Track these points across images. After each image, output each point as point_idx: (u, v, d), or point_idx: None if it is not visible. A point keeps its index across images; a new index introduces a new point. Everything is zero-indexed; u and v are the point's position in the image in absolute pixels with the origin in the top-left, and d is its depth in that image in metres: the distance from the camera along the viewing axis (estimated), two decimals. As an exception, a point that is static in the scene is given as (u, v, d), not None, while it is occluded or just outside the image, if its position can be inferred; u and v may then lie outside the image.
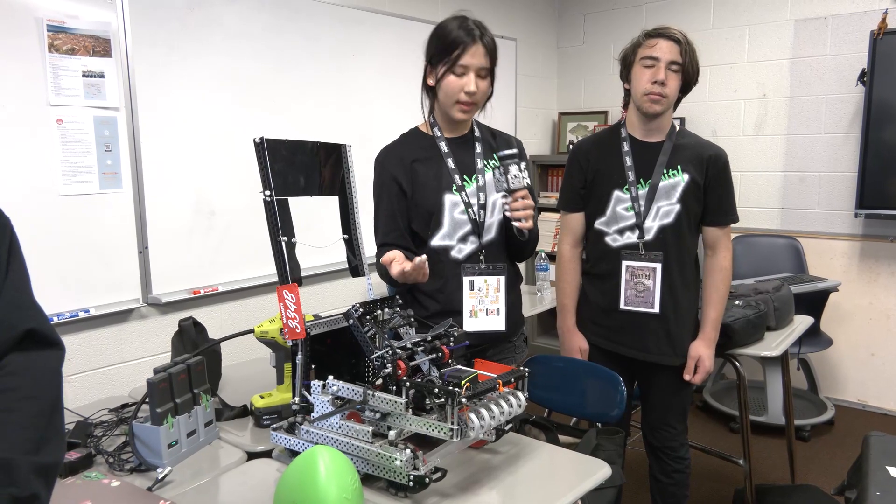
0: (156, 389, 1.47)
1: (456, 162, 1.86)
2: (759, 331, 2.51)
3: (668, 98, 1.99)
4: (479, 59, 1.75)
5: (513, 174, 1.70)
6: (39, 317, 1.00)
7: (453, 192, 1.84)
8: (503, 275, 1.85)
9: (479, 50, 1.75)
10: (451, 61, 1.74)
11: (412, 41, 3.60)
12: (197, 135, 2.71)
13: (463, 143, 1.90)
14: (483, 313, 1.85)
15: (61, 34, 2.28)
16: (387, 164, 1.87)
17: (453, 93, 1.77)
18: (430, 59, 1.81)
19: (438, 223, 1.84)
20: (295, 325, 1.43)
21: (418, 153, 1.87)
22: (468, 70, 1.75)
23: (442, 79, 1.77)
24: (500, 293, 1.85)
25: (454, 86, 1.76)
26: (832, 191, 3.83)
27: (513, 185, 1.70)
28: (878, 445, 1.66)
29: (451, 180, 1.84)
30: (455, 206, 1.84)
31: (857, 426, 3.63)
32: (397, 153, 1.88)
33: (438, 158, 1.86)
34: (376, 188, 1.88)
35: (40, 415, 0.93)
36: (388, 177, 1.85)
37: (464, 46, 1.73)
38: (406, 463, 1.27)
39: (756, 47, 4.01)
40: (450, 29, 1.76)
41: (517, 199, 1.71)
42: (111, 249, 2.48)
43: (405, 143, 1.91)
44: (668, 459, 2.25)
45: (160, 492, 1.36)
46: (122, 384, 2.55)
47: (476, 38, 1.74)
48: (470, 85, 1.75)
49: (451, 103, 1.79)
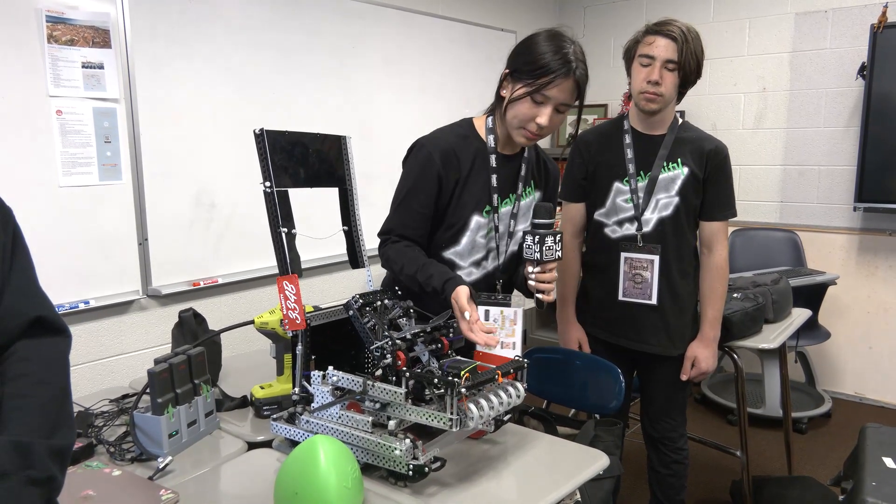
0: (157, 379, 1.47)
1: (498, 180, 1.73)
2: (757, 323, 2.52)
3: (663, 97, 1.98)
4: (565, 95, 1.59)
5: (547, 245, 1.58)
6: (46, 304, 1.02)
7: (483, 215, 1.72)
8: (520, 307, 1.74)
9: (569, 85, 1.57)
10: (535, 88, 1.56)
11: (413, 34, 3.60)
12: (197, 126, 2.71)
13: (511, 162, 1.77)
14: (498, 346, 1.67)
15: (60, 25, 2.28)
16: (435, 157, 1.68)
17: (524, 120, 1.61)
18: (512, 70, 1.63)
19: (455, 240, 1.73)
20: (295, 316, 1.44)
21: (468, 159, 1.71)
22: (549, 102, 1.58)
23: (517, 100, 1.60)
24: (516, 326, 1.73)
25: (527, 113, 1.60)
26: (831, 184, 3.83)
27: (545, 258, 1.58)
28: (875, 436, 1.67)
29: (486, 200, 1.72)
30: (480, 228, 1.73)
31: (855, 419, 3.64)
32: (448, 147, 1.70)
33: (482, 170, 1.72)
34: (414, 174, 1.70)
35: (53, 400, 0.95)
36: (433, 171, 1.68)
37: (554, 77, 1.55)
38: (405, 452, 1.28)
39: (756, 41, 4.01)
40: (544, 51, 1.57)
41: (546, 270, 1.60)
42: (111, 241, 2.49)
43: (458, 141, 1.73)
44: (666, 451, 2.27)
45: (161, 481, 1.37)
46: (123, 375, 2.56)
47: (570, 73, 1.56)
48: (543, 118, 1.58)
49: (516, 126, 1.63)
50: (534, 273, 1.61)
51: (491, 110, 1.75)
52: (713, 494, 2.90)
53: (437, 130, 1.76)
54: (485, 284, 1.78)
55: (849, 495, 1.53)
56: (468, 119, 1.79)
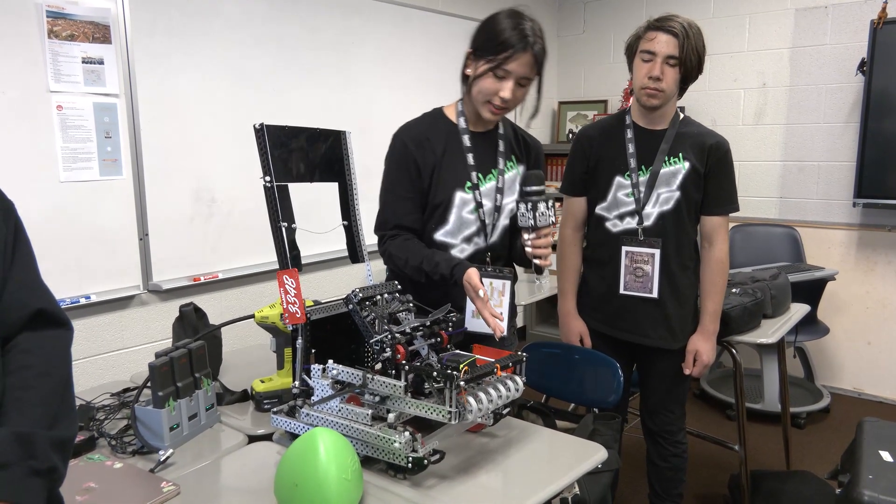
0: (157, 373, 1.48)
1: (476, 158, 1.79)
2: (756, 318, 2.53)
3: (664, 93, 1.99)
4: (525, 69, 1.65)
5: (541, 211, 1.63)
6: (48, 297, 1.03)
7: (466, 191, 1.78)
8: (510, 280, 1.79)
9: (527, 59, 1.64)
10: (496, 63, 1.64)
11: (412, 30, 3.60)
12: (197, 122, 2.71)
13: (485, 139, 1.83)
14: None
15: (61, 20, 2.28)
16: (409, 144, 1.77)
17: (487, 94, 1.68)
18: (474, 49, 1.71)
19: (444, 220, 1.78)
20: (295, 310, 1.44)
21: (438, 139, 1.79)
22: (509, 76, 1.65)
23: (480, 76, 1.68)
24: (504, 297, 1.79)
25: (490, 88, 1.67)
26: (830, 180, 3.84)
27: (539, 223, 1.63)
28: (872, 430, 1.68)
29: (466, 177, 1.78)
30: (465, 204, 1.78)
31: (853, 414, 3.65)
32: (420, 134, 1.79)
33: (458, 151, 1.79)
34: (393, 165, 1.79)
35: (54, 391, 0.96)
36: (409, 157, 1.76)
37: (512, 52, 1.62)
38: (405, 445, 1.28)
39: (756, 36, 4.00)
40: (503, 28, 1.64)
41: (541, 236, 1.64)
42: (112, 236, 2.49)
43: (429, 126, 1.82)
44: (665, 444, 2.27)
45: (162, 473, 1.38)
46: (123, 370, 2.57)
47: (528, 47, 1.63)
48: (506, 91, 1.66)
49: (482, 102, 1.71)
50: (529, 240, 1.66)
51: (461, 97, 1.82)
52: (711, 489, 2.91)
53: (410, 121, 1.85)
54: (478, 260, 1.83)
55: (846, 489, 1.54)
56: (438, 108, 1.87)
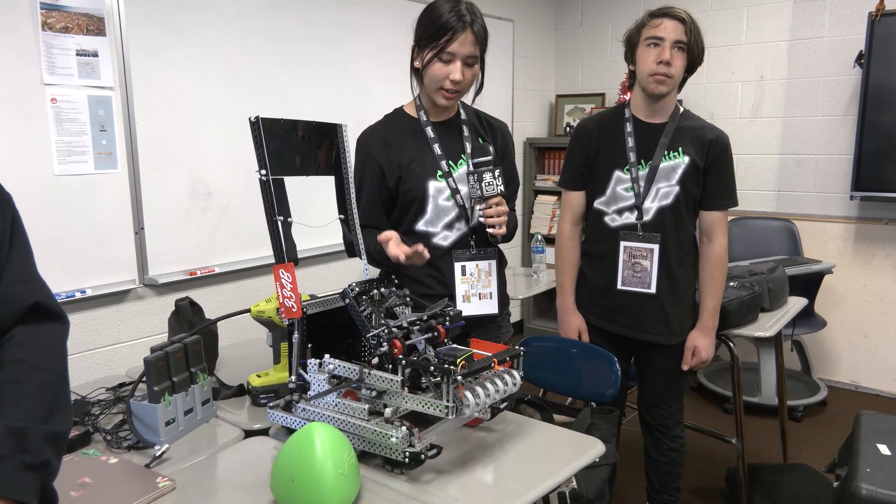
0: (153, 367, 1.47)
1: (442, 147, 1.84)
2: (754, 312, 2.53)
3: (673, 78, 1.99)
4: (468, 48, 1.70)
5: (486, 181, 1.71)
6: (44, 290, 1.02)
7: (438, 179, 1.82)
8: (494, 259, 1.86)
9: (468, 38, 1.69)
10: (439, 48, 1.69)
11: (408, 22, 3.56)
12: (192, 115, 2.69)
13: (449, 127, 1.88)
14: (476, 297, 1.85)
15: (55, 12, 2.26)
16: (370, 147, 1.84)
17: (438, 80, 1.73)
18: (417, 41, 1.77)
19: (422, 210, 1.82)
20: (291, 305, 1.44)
21: (402, 137, 1.84)
22: (455, 58, 1.70)
23: (428, 64, 1.73)
24: (491, 277, 1.86)
25: (439, 73, 1.72)
26: (828, 173, 3.83)
27: (486, 193, 1.72)
28: (870, 424, 1.68)
29: (436, 167, 1.82)
30: (440, 192, 1.82)
31: (849, 407, 3.66)
32: (380, 135, 1.86)
33: (423, 144, 1.84)
34: (357, 169, 1.86)
35: (49, 385, 0.95)
36: (370, 159, 1.83)
37: (452, 33, 1.68)
38: (402, 440, 1.28)
39: (754, 29, 3.99)
40: (440, 13, 1.70)
41: (491, 205, 1.72)
42: (107, 230, 2.48)
43: (389, 126, 1.88)
44: (663, 438, 2.28)
45: (158, 469, 1.37)
46: (119, 364, 2.56)
47: (466, 25, 1.68)
48: (455, 73, 1.71)
49: (434, 89, 1.76)
50: (480, 209, 1.75)
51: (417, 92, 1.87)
52: (709, 482, 2.92)
53: (373, 124, 1.91)
54: (462, 244, 1.86)
55: (843, 482, 1.54)
56: (399, 107, 1.93)
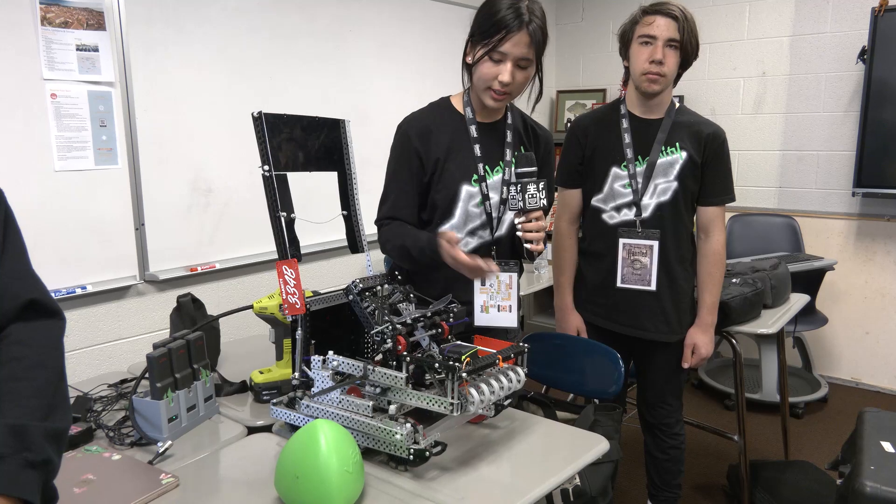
0: (155, 364, 1.47)
1: (482, 149, 1.75)
2: (756, 308, 2.52)
3: (666, 77, 1.97)
4: (522, 49, 1.60)
5: (530, 193, 1.58)
6: (40, 286, 1.01)
7: (472, 184, 1.74)
8: (516, 272, 1.77)
9: (522, 38, 1.59)
10: (490, 46, 1.60)
11: (411, 18, 3.56)
12: (193, 111, 2.68)
13: (493, 130, 1.79)
14: (494, 309, 1.77)
15: (54, 7, 2.25)
16: (412, 136, 1.74)
17: (487, 79, 1.64)
18: (472, 35, 1.67)
19: (449, 213, 1.75)
20: (295, 301, 1.43)
21: (444, 129, 1.75)
22: (506, 58, 1.60)
23: (478, 62, 1.64)
24: (512, 290, 1.76)
25: (489, 73, 1.63)
26: (830, 170, 3.83)
27: (529, 206, 1.59)
28: (873, 421, 1.68)
29: (473, 170, 1.74)
30: (471, 198, 1.75)
31: (851, 404, 3.67)
32: (425, 125, 1.76)
33: (465, 142, 1.75)
34: (395, 156, 1.77)
35: (48, 382, 0.95)
36: (411, 149, 1.74)
37: (506, 32, 1.58)
38: (406, 437, 1.28)
39: (756, 24, 3.98)
40: (498, 8, 1.60)
41: (531, 219, 1.60)
42: (107, 226, 2.47)
43: (434, 117, 1.78)
44: (663, 436, 2.27)
45: (161, 465, 1.37)
46: (120, 360, 2.55)
47: (523, 25, 1.58)
48: (505, 75, 1.61)
49: (482, 88, 1.67)
50: (520, 223, 1.61)
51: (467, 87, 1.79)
52: (710, 479, 2.92)
53: (416, 111, 1.81)
54: (483, 253, 1.79)
55: (847, 479, 1.54)
56: (445, 97, 1.83)
